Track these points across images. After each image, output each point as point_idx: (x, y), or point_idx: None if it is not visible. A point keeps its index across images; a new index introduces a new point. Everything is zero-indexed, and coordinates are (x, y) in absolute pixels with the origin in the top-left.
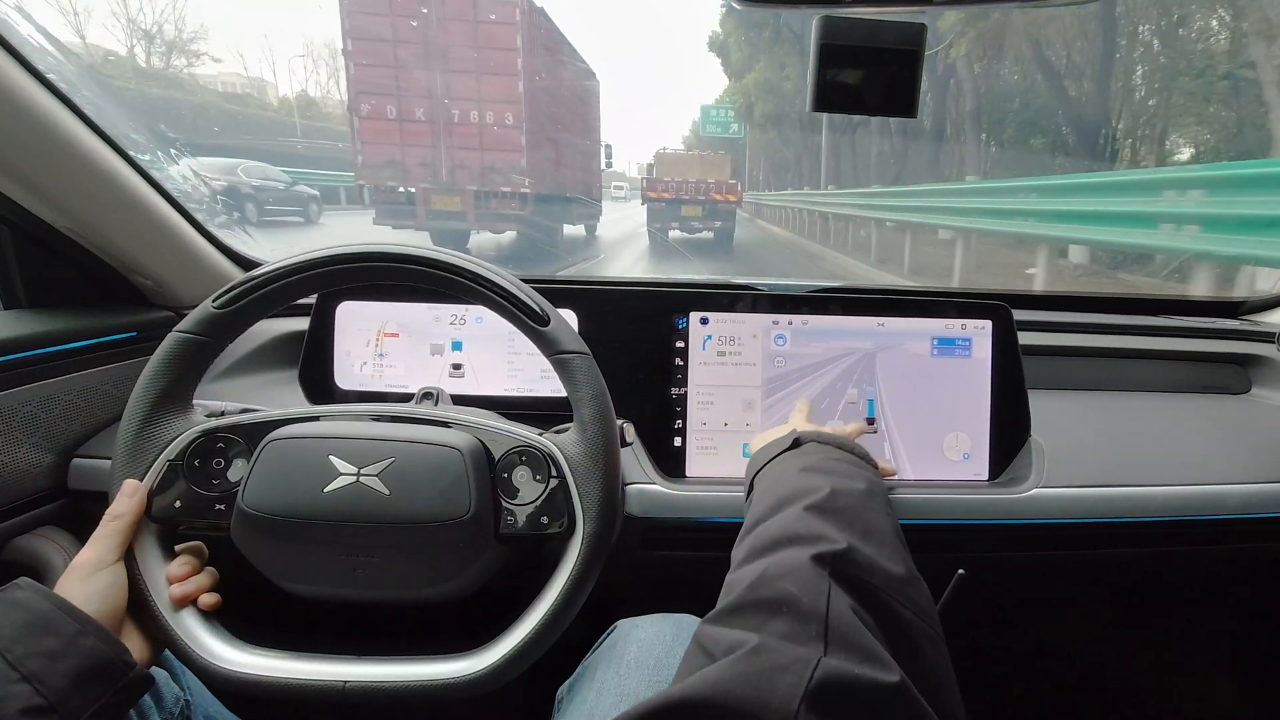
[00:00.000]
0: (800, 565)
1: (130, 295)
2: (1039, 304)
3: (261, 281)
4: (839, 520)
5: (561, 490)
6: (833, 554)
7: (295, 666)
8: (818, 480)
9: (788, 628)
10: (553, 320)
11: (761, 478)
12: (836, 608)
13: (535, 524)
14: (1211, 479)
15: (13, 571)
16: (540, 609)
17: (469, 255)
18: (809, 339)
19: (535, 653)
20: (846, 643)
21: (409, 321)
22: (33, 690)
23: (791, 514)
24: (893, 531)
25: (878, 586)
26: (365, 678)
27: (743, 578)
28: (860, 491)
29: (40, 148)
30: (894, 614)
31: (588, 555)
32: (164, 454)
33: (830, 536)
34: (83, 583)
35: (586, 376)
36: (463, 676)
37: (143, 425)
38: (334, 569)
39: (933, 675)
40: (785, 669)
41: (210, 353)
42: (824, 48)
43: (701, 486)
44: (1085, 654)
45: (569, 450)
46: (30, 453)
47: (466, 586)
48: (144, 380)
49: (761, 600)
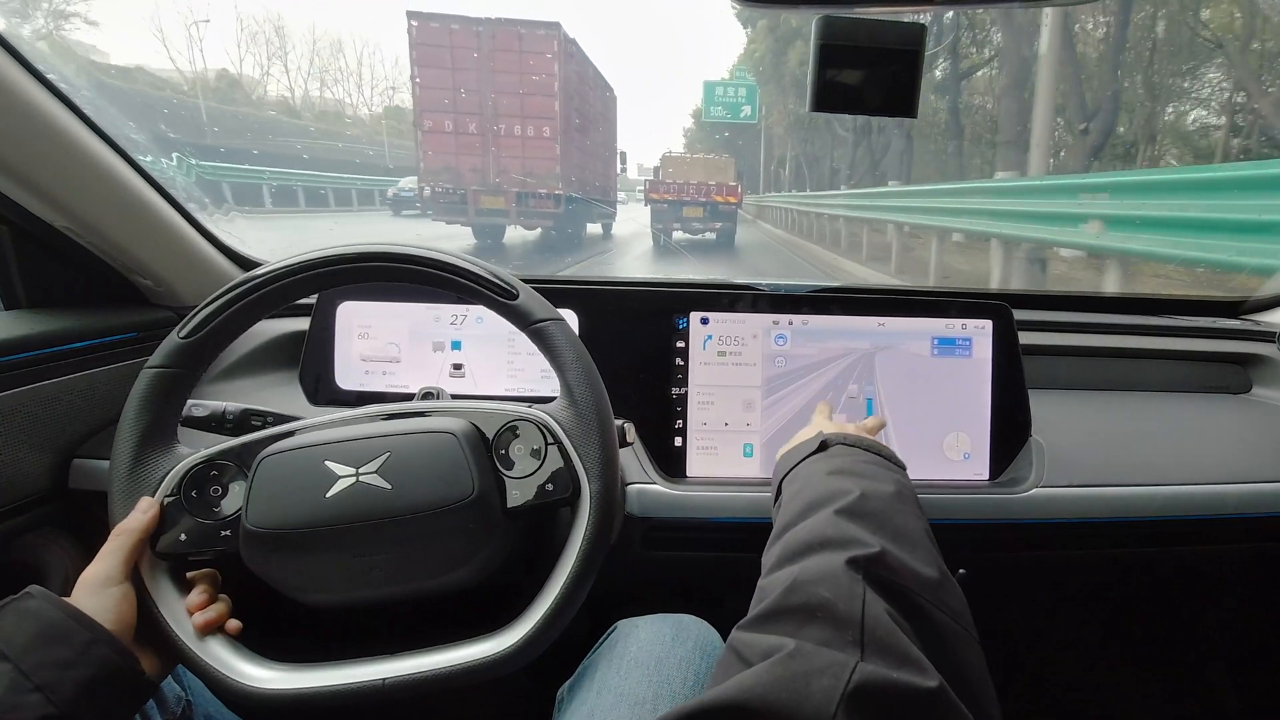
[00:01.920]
0: (834, 570)
1: (130, 295)
2: (1039, 304)
3: (228, 301)
4: (870, 523)
5: (561, 455)
6: (866, 558)
7: (331, 675)
8: (847, 483)
9: (823, 633)
10: (521, 293)
11: (789, 481)
12: (872, 612)
13: (541, 493)
14: (1211, 479)
15: (12, 571)
16: (561, 575)
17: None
18: (809, 339)
19: (562, 621)
20: (883, 647)
21: (409, 321)
22: (44, 700)
23: (822, 518)
24: (924, 533)
25: (911, 590)
26: (402, 672)
27: (775, 583)
28: (890, 494)
29: (40, 148)
30: (929, 617)
31: (598, 515)
32: (159, 491)
33: (862, 540)
34: (92, 597)
35: (565, 341)
36: (495, 654)
37: (133, 466)
38: (348, 573)
39: (969, 678)
40: (822, 673)
41: (187, 383)
42: (824, 48)
43: (702, 486)
44: (1085, 653)
45: (560, 415)
46: (30, 453)
47: (484, 569)
48: (125, 422)
49: (796, 606)
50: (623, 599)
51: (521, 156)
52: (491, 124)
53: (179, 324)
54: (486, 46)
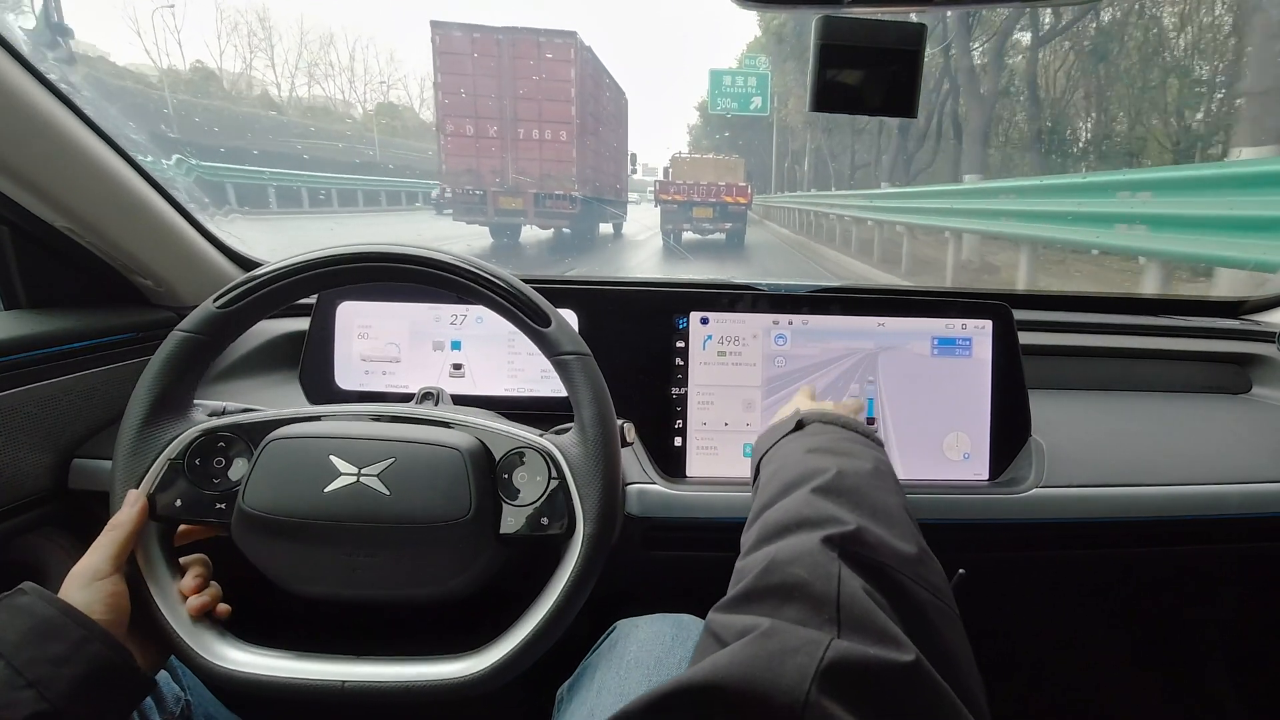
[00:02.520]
0: (810, 549)
1: (130, 295)
2: (1039, 304)
3: (263, 281)
4: (847, 501)
5: (562, 491)
6: (842, 535)
7: (295, 666)
8: (824, 461)
9: (800, 612)
10: (554, 321)
11: (767, 461)
12: (848, 589)
13: (535, 524)
14: (1211, 479)
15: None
16: (540, 609)
17: (468, 256)
18: (809, 339)
19: (535, 653)
20: (860, 624)
21: (409, 321)
22: (38, 696)
23: (799, 497)
24: (902, 509)
25: (889, 566)
26: (365, 677)
27: (752, 564)
28: (867, 471)
29: (40, 148)
30: (908, 593)
31: (588, 556)
32: (164, 453)
33: (839, 518)
34: (82, 590)
35: (587, 378)
36: (463, 676)
37: (143, 425)
38: (334, 569)
39: (949, 653)
40: (796, 651)
41: (211, 352)
42: (824, 48)
43: (702, 486)
44: (1085, 653)
45: (569, 451)
46: (30, 453)
47: (467, 587)
48: (145, 380)
49: (772, 586)
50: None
51: (539, 159)
52: (511, 128)
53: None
54: (507, 54)
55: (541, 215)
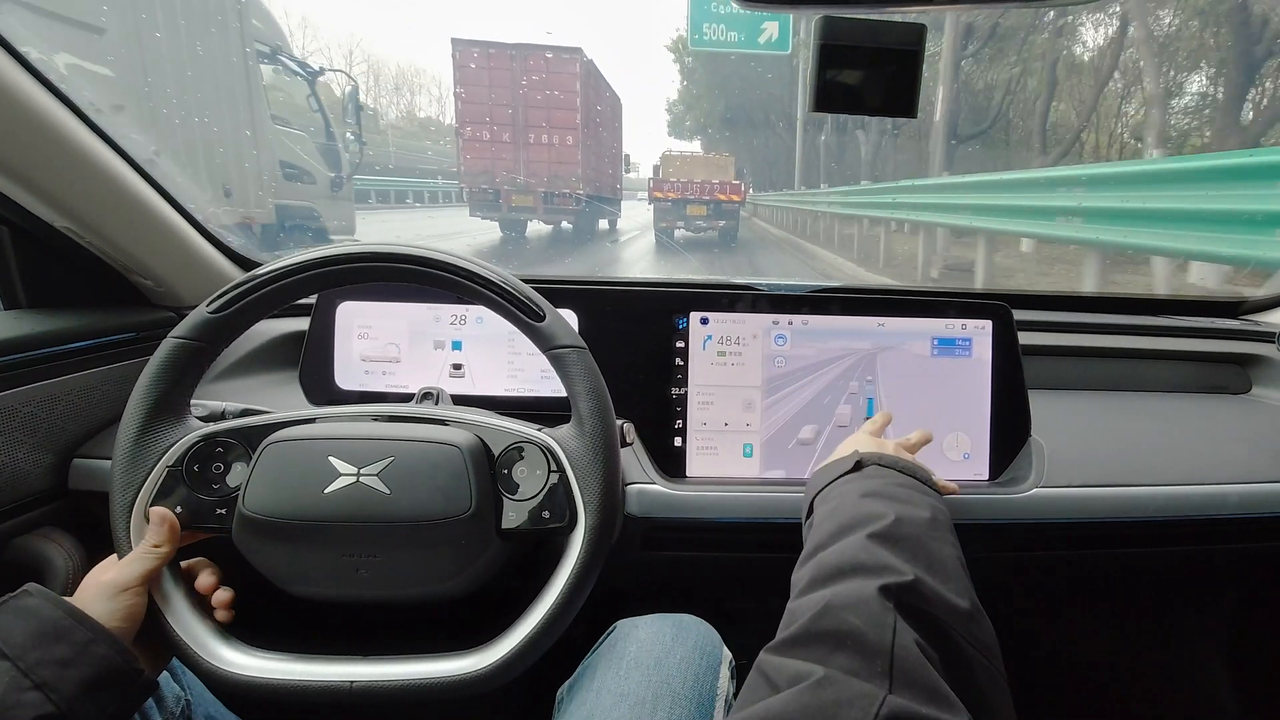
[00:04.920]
0: (865, 597)
1: (130, 295)
2: (1039, 304)
3: (256, 284)
4: (903, 550)
5: (562, 485)
6: (898, 586)
7: (301, 669)
8: (881, 506)
9: (853, 662)
10: (548, 316)
11: (822, 500)
12: (902, 642)
13: (536, 519)
14: (1211, 479)
15: (13, 571)
16: (543, 605)
17: (465, 255)
18: (809, 339)
19: (539, 649)
20: (912, 680)
21: (409, 321)
22: (44, 698)
23: (854, 541)
24: (957, 561)
25: (943, 621)
26: (372, 677)
27: (805, 607)
28: (925, 520)
29: (40, 148)
30: (959, 650)
31: (589, 550)
32: (163, 460)
33: (895, 567)
34: (107, 600)
35: (583, 371)
36: (470, 673)
37: (140, 432)
38: (336, 570)
39: (995, 716)
40: (850, 704)
41: (207, 357)
42: (824, 48)
43: (701, 486)
44: (1085, 653)
45: (568, 445)
46: (30, 453)
47: (469, 584)
48: (140, 387)
49: (825, 632)
50: (623, 599)
51: (547, 161)
52: (522, 133)
53: (208, 300)
54: (518, 68)
55: (549, 212)
